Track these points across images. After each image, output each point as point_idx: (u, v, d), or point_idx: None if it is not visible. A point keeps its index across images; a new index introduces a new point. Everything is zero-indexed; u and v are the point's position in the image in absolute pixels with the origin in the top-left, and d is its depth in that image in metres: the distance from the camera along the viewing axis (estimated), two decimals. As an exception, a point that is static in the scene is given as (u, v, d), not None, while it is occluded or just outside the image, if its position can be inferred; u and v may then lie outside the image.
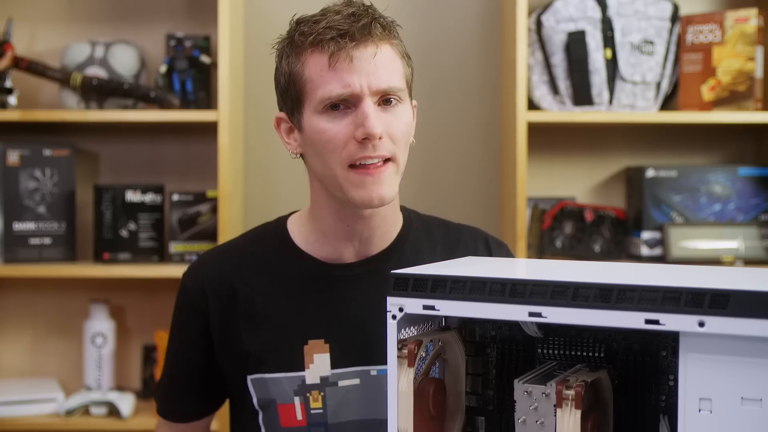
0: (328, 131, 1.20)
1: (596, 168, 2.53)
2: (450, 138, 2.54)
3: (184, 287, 1.35)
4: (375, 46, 1.19)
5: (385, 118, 1.20)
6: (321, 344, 1.27)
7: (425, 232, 1.38)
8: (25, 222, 2.30)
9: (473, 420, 1.09)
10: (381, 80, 1.19)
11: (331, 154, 1.20)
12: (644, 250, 2.38)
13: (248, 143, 2.52)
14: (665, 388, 0.98)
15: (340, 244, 1.29)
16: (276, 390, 1.27)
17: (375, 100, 1.19)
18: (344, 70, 1.18)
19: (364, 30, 1.18)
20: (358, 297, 1.28)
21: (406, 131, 1.24)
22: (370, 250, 1.31)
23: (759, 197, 2.43)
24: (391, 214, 1.31)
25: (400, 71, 1.23)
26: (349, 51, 1.17)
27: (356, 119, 1.18)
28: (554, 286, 0.90)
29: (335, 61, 1.18)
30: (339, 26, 1.18)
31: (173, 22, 2.47)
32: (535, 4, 2.42)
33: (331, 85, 1.18)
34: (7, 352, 2.48)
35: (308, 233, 1.31)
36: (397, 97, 1.22)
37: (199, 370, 1.35)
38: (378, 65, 1.19)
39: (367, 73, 1.18)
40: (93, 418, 2.27)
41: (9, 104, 2.30)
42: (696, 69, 2.36)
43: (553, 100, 2.35)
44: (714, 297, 0.83)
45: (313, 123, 1.21)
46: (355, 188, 1.20)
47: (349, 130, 1.19)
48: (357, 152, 1.18)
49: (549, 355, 1.02)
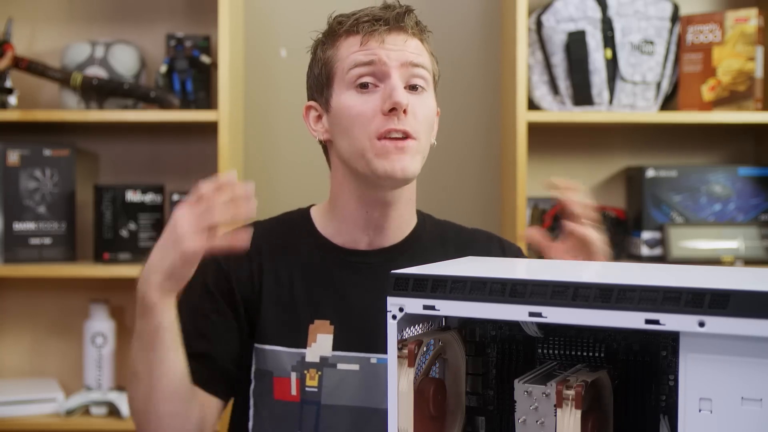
0: (357, 106, 1.25)
1: (596, 168, 2.53)
2: (450, 138, 2.54)
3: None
4: (407, 34, 1.26)
5: (412, 99, 1.25)
6: (326, 325, 1.29)
7: (439, 234, 1.41)
8: (25, 222, 2.30)
9: (473, 420, 1.09)
10: (409, 55, 1.25)
11: (360, 127, 1.24)
12: (644, 250, 2.38)
13: (248, 143, 2.52)
14: (665, 388, 0.98)
15: (357, 231, 1.32)
16: (274, 363, 1.29)
17: (403, 80, 1.25)
18: (375, 48, 1.24)
19: (399, 18, 1.26)
20: (369, 285, 1.30)
21: (429, 117, 1.28)
22: (384, 242, 1.34)
23: (759, 197, 2.43)
24: (407, 209, 1.34)
25: (429, 63, 1.29)
26: (381, 34, 1.25)
27: (384, 93, 1.23)
28: (554, 286, 0.90)
29: (367, 41, 1.25)
30: (374, 13, 1.26)
31: (173, 22, 2.47)
32: (535, 4, 2.42)
33: (360, 57, 1.25)
34: (8, 352, 2.48)
35: (327, 222, 1.35)
36: (424, 82, 1.27)
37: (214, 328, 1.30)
38: (407, 48, 1.26)
39: (396, 51, 1.24)
40: (93, 418, 2.28)
41: (9, 104, 2.30)
42: (696, 69, 2.36)
43: (553, 100, 2.35)
44: (714, 297, 0.83)
45: (342, 100, 1.26)
46: (380, 159, 1.23)
47: (377, 104, 1.23)
48: (384, 124, 1.23)
49: (549, 355, 1.02)
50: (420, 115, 1.25)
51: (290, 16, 2.54)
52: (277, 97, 2.54)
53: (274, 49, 2.55)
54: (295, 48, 2.52)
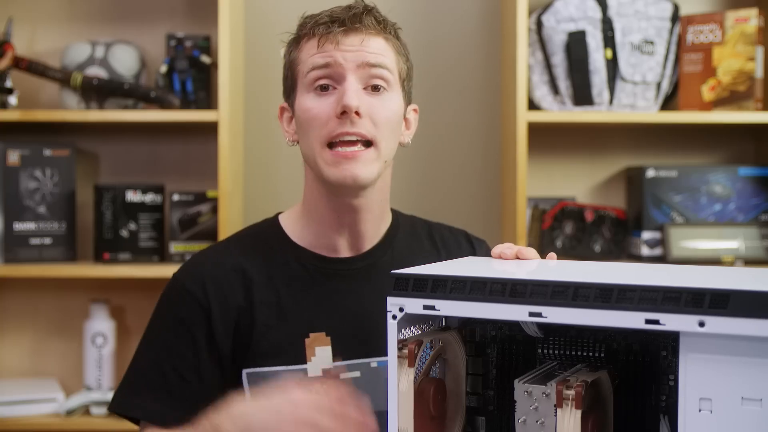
0: (313, 109, 1.24)
1: (596, 168, 2.53)
2: (450, 138, 2.54)
3: (179, 284, 1.30)
4: (364, 33, 1.24)
5: (370, 101, 1.24)
6: (322, 337, 1.28)
7: (411, 228, 1.41)
8: (26, 222, 2.30)
9: (473, 420, 1.09)
10: (367, 56, 1.23)
11: (314, 131, 1.23)
12: (644, 250, 2.38)
13: (248, 143, 2.52)
14: (665, 388, 0.98)
15: (333, 235, 1.31)
16: (276, 383, 1.26)
17: (362, 81, 1.23)
18: (330, 50, 1.23)
19: (355, 18, 1.24)
20: (358, 290, 1.30)
21: (391, 118, 1.26)
22: (364, 245, 1.33)
23: (759, 197, 2.43)
24: (379, 208, 1.33)
25: (392, 61, 1.27)
26: (337, 35, 1.23)
27: (338, 96, 1.22)
28: (554, 286, 0.90)
29: (324, 42, 1.24)
30: (332, 14, 1.25)
31: (173, 22, 2.48)
32: (535, 4, 2.42)
33: (317, 59, 1.24)
34: (8, 352, 2.48)
35: (302, 227, 1.33)
36: (385, 82, 1.25)
37: (192, 367, 1.28)
38: (364, 48, 1.24)
39: (352, 53, 1.23)
40: (93, 418, 2.28)
41: (9, 104, 2.30)
42: (696, 69, 2.36)
43: (554, 100, 2.35)
44: (714, 297, 0.83)
45: (301, 102, 1.26)
46: (329, 167, 1.23)
47: (330, 108, 1.23)
48: (336, 128, 1.22)
49: (549, 355, 1.02)
50: (379, 117, 1.24)
51: (291, 16, 2.53)
52: (277, 97, 2.53)
53: (274, 49, 2.54)
54: (295, 48, 2.52)
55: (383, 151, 1.25)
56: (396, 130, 1.28)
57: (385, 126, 1.24)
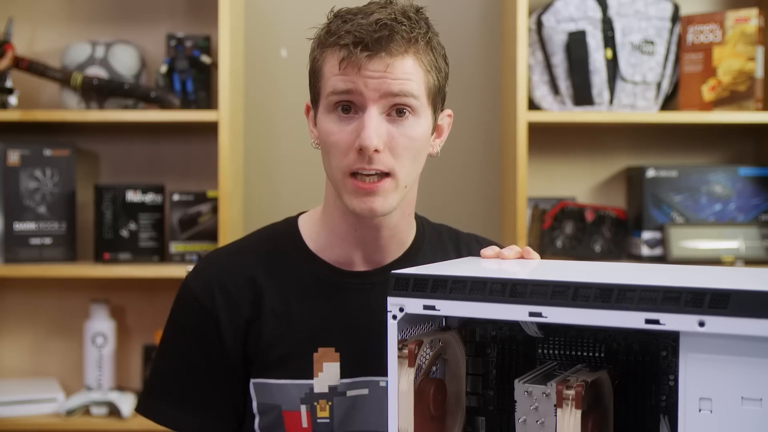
0: (334, 135, 1.19)
1: (597, 168, 2.53)
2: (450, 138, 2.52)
3: (189, 290, 1.29)
4: (390, 57, 1.16)
5: (389, 130, 1.18)
6: (331, 353, 1.25)
7: (438, 240, 1.37)
8: (26, 222, 2.30)
9: (474, 420, 1.09)
10: (391, 84, 1.16)
11: (336, 158, 1.19)
12: (644, 250, 2.38)
13: (248, 143, 2.52)
14: (665, 388, 0.98)
15: (348, 247, 1.28)
16: (282, 396, 1.25)
17: (384, 109, 1.18)
18: (352, 75, 1.16)
19: (379, 43, 1.15)
20: (371, 306, 1.25)
21: (412, 146, 1.20)
22: (384, 259, 1.29)
23: (759, 197, 2.43)
24: (403, 224, 1.29)
25: (419, 82, 1.19)
26: (359, 60, 1.15)
27: (358, 127, 1.17)
28: (554, 286, 0.90)
29: (345, 65, 1.16)
30: (358, 32, 1.16)
31: (173, 22, 2.48)
32: (535, 4, 2.42)
33: (338, 83, 1.17)
34: (8, 352, 2.48)
35: (318, 232, 1.30)
36: (410, 108, 1.19)
37: (205, 374, 1.28)
38: (388, 75, 1.16)
39: (376, 80, 1.16)
40: (93, 418, 2.28)
41: (9, 104, 2.30)
42: (696, 69, 2.36)
43: (554, 100, 2.35)
44: (714, 297, 0.83)
45: (323, 122, 1.21)
46: (351, 197, 1.19)
47: (351, 138, 1.17)
48: (355, 162, 1.17)
49: (549, 355, 1.02)
50: (398, 147, 1.18)
51: (291, 16, 2.54)
52: (277, 97, 2.54)
53: (275, 49, 2.55)
54: (295, 48, 2.52)
55: (402, 180, 1.21)
56: (419, 154, 1.23)
57: (405, 155, 1.20)
